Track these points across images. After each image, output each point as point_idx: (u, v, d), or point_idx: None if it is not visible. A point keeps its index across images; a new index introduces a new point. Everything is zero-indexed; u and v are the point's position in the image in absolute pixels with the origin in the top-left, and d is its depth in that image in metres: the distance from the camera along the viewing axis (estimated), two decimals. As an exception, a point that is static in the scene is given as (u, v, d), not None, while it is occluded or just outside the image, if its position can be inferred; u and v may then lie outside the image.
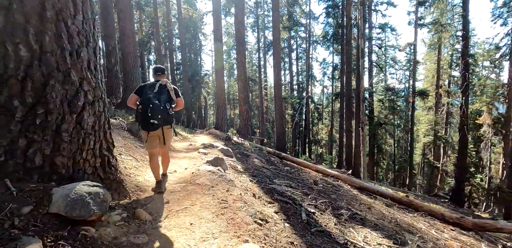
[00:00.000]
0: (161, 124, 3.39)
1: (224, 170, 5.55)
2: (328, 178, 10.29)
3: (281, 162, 11.58)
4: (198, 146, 9.62)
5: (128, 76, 11.57)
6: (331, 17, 22.68)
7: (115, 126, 7.32)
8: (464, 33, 18.23)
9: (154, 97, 3.24)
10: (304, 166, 11.59)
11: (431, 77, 25.62)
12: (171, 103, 3.47)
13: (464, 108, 17.89)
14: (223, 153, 8.19)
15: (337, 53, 25.96)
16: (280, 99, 20.33)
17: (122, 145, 5.93)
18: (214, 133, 14.38)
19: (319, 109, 30.05)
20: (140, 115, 3.34)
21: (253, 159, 8.96)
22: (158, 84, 3.39)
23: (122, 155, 5.11)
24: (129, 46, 11.75)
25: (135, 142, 6.87)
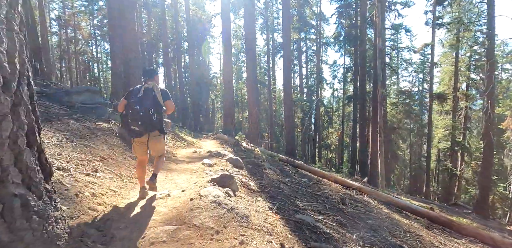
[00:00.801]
0: (144, 130, 3.07)
1: (234, 191, 4.13)
2: (349, 191, 8.81)
3: (296, 171, 10.13)
4: (203, 153, 8.24)
5: (129, 76, 10.27)
6: (344, 18, 21.16)
7: (104, 132, 5.97)
8: (489, 31, 16.51)
9: (135, 102, 2.96)
10: (320, 176, 10.10)
11: (447, 79, 23.79)
12: (156, 108, 3.08)
13: (490, 112, 16.13)
14: (232, 163, 6.78)
15: (349, 54, 24.40)
16: (290, 103, 18.88)
17: (106, 156, 4.56)
18: (221, 138, 13.00)
19: (329, 113, 28.45)
20: (123, 122, 3.14)
21: (266, 171, 7.51)
22: (143, 88, 3.08)
23: (98, 173, 3.71)
24: (131, 44, 10.46)
25: (126, 150, 5.51)
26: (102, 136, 5.61)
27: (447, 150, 23.28)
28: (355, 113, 21.56)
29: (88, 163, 3.84)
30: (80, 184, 3.03)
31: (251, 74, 13.50)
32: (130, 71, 10.42)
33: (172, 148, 8.65)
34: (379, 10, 15.51)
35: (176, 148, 8.93)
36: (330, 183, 9.32)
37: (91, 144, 4.80)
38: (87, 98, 8.10)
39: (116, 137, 6.05)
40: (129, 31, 10.50)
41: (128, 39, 10.40)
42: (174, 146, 9.04)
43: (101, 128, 6.12)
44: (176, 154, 7.77)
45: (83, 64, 35.23)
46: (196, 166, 5.99)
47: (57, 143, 4.13)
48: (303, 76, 28.48)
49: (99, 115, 7.83)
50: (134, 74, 10.49)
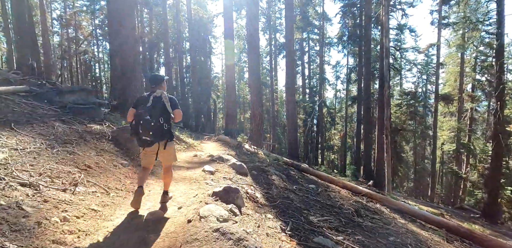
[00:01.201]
0: (155, 139, 3.01)
1: (240, 207, 3.48)
2: (359, 197, 8.16)
3: (302, 175, 9.47)
4: (205, 157, 7.60)
5: (127, 75, 9.62)
6: (348, 17, 20.48)
7: (95, 135, 5.33)
8: (499, 31, 15.83)
9: (145, 112, 2.89)
10: (328, 181, 9.45)
11: (453, 80, 23.11)
12: (165, 116, 3.03)
13: (500, 114, 15.46)
14: (235, 169, 6.13)
15: (353, 55, 23.71)
16: (293, 103, 18.20)
17: (92, 165, 3.91)
18: (223, 140, 12.36)
19: (332, 114, 27.75)
20: (133, 131, 3.00)
21: (272, 177, 6.86)
22: (152, 97, 3.03)
23: (78, 187, 3.07)
24: (128, 40, 9.82)
25: (118, 156, 4.87)
26: (91, 139, 4.97)
27: (452, 152, 22.59)
28: (359, 114, 20.88)
29: (66, 175, 3.20)
30: (48, 206, 2.39)
31: (255, 75, 12.85)
32: (129, 72, 9.77)
33: (171, 151, 8.00)
34: (386, 8, 14.85)
35: (175, 151, 8.27)
36: (338, 189, 8.67)
37: (77, 150, 4.15)
38: (81, 98, 7.46)
39: (109, 141, 5.41)
40: (129, 33, 9.86)
41: (127, 41, 9.76)
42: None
43: (91, 131, 5.48)
44: (175, 158, 7.12)
45: (84, 64, 34.68)
46: (196, 173, 5.35)
47: (33, 150, 3.49)
48: (306, 76, 27.80)
49: (93, 117, 7.20)
50: (133, 76, 9.86)
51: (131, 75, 9.61)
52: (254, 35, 13.58)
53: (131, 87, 9.60)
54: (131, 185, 4.03)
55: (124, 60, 9.64)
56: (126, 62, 9.64)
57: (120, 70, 9.75)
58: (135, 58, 10.09)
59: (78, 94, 7.48)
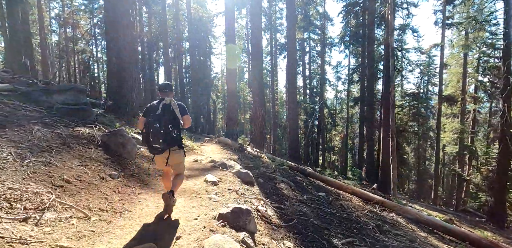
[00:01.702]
0: (165, 147, 2.95)
1: (253, 234, 2.77)
2: (371, 205, 7.50)
3: (309, 181, 8.79)
4: (206, 163, 6.87)
5: (122, 73, 8.88)
6: (351, 16, 19.81)
7: (82, 140, 4.60)
8: (506, 31, 15.21)
9: (154, 120, 2.86)
10: (336, 187, 8.76)
11: (455, 81, 22.50)
12: (175, 123, 2.99)
13: (507, 116, 14.82)
14: (241, 178, 5.41)
15: (355, 55, 23.03)
16: (295, 104, 17.52)
17: (72, 179, 3.18)
18: (224, 142, 11.62)
19: (333, 115, 27.07)
20: (144, 139, 2.98)
21: (280, 185, 6.16)
22: (161, 105, 2.97)
23: (48, 212, 2.34)
24: (124, 36, 9.08)
25: (107, 166, 4.14)
26: (77, 146, 4.23)
27: (455, 154, 21.98)
28: (362, 115, 20.20)
29: (33, 196, 2.47)
30: (-10, 251, 1.67)
31: (257, 75, 12.15)
32: (124, 71, 9.03)
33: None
34: (392, 7, 14.19)
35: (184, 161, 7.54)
36: (349, 196, 7.98)
37: (55, 160, 3.42)
38: (70, 98, 6.71)
39: (97, 147, 4.68)
40: (125, 31, 9.12)
41: (123, 39, 9.01)
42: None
43: (78, 135, 4.74)
44: (173, 164, 6.40)
45: (83, 64, 33.83)
46: (198, 184, 4.63)
47: (-5, 162, 2.75)
48: (306, 77, 27.11)
49: (83, 118, 6.46)
50: (129, 74, 9.12)
51: (126, 74, 8.87)
52: (257, 37, 12.87)
53: (127, 85, 8.86)
54: (120, 202, 3.30)
55: (120, 58, 8.90)
56: (122, 60, 8.90)
57: (116, 68, 9.01)
58: (131, 56, 9.36)
59: (68, 93, 6.73)
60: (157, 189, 4.20)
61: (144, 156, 5.81)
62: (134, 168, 4.71)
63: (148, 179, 4.55)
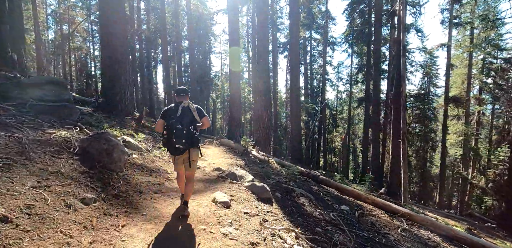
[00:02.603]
0: (187, 147, 2.99)
1: None
2: (399, 220, 6.42)
3: (322, 188, 7.67)
4: (210, 172, 5.71)
5: (115, 67, 7.64)
6: (356, 14, 18.73)
7: (52, 147, 3.41)
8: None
9: (176, 121, 2.92)
10: (354, 196, 7.64)
11: (460, 83, 21.59)
12: (195, 124, 3.06)
13: (521, 119, 13.88)
14: (257, 194, 4.25)
15: (357, 55, 21.97)
16: (297, 105, 16.40)
17: (16, 212, 1.99)
18: (226, 144, 10.44)
19: (334, 116, 26.00)
20: (165, 141, 3.02)
21: (301, 200, 5.02)
22: (180, 107, 3.03)
23: None
24: (119, 30, 7.84)
25: (81, 184, 2.96)
26: (41, 156, 3.03)
27: (460, 157, 21.06)
28: (367, 116, 19.14)
29: None
30: None
31: (263, 74, 10.99)
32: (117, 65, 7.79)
33: (166, 161, 6.10)
34: (403, 2, 13.13)
35: (170, 161, 6.35)
36: (371, 208, 6.86)
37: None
38: (49, 93, 5.50)
39: (73, 156, 3.48)
40: (118, 24, 7.86)
41: (116, 33, 7.76)
42: (169, 158, 6.48)
43: (49, 140, 3.55)
44: (170, 173, 5.22)
45: (79, 61, 32.37)
46: (204, 205, 3.46)
47: None
48: (307, 77, 25.99)
49: (64, 117, 5.25)
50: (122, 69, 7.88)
51: (120, 68, 7.64)
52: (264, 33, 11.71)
53: (121, 82, 7.63)
54: (93, 245, 2.11)
55: (114, 53, 7.66)
56: (115, 54, 7.66)
57: (109, 62, 7.77)
58: (125, 51, 8.13)
59: (47, 88, 5.51)
60: (151, 215, 3.02)
61: (136, 164, 4.62)
62: (121, 184, 3.52)
63: (139, 200, 3.37)
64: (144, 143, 6.48)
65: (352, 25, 19.47)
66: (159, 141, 7.25)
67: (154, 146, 6.72)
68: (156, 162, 5.56)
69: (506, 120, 21.22)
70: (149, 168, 4.82)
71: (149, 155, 5.88)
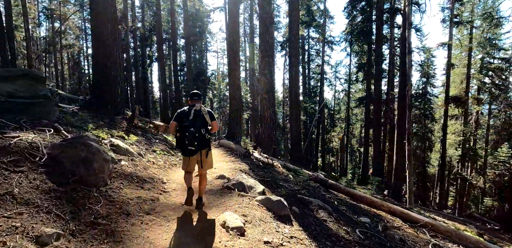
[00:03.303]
0: (199, 148, 3.07)
1: None
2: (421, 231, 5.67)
3: (334, 195, 6.88)
4: (213, 180, 4.86)
5: (104, 60, 6.71)
6: (356, 11, 18.00)
7: (8, 154, 2.48)
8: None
9: (189, 124, 3.01)
10: (368, 203, 6.87)
11: (459, 82, 21.11)
12: (206, 127, 3.12)
13: (526, 119, 13.35)
14: (273, 212, 3.42)
15: (357, 53, 21.28)
16: (297, 104, 15.61)
17: None
18: (226, 145, 9.57)
19: (332, 116, 25.31)
20: (178, 142, 3.12)
21: (320, 214, 4.20)
22: (193, 110, 3.10)
23: None
24: (105, 17, 6.90)
25: (39, 212, 2.09)
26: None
27: (459, 157, 20.57)
28: (368, 116, 18.47)
29: None
30: None
31: (267, 71, 10.13)
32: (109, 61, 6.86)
33: (161, 167, 5.22)
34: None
35: (166, 166, 5.48)
36: (393, 219, 6.10)
37: None
38: (22, 89, 4.55)
39: (36, 168, 2.59)
40: (107, 16, 6.93)
41: (106, 25, 6.83)
42: (164, 163, 5.58)
43: (5, 148, 2.64)
44: (166, 182, 4.35)
45: (72, 59, 31.06)
46: (211, 235, 2.60)
47: None
48: (305, 76, 25.22)
49: (39, 117, 4.32)
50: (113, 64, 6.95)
51: (110, 62, 6.71)
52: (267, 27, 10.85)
53: (111, 77, 6.70)
54: None
55: (104, 46, 6.72)
56: (105, 47, 6.73)
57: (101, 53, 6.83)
58: (116, 43, 7.18)
59: (19, 82, 4.56)
60: (153, 216, 2.15)
61: (124, 174, 3.74)
62: (102, 205, 2.64)
63: (125, 226, 2.49)
64: (136, 146, 5.58)
65: (353, 23, 18.76)
66: (153, 143, 6.36)
67: (148, 149, 5.83)
68: (149, 169, 4.68)
69: (505, 120, 20.86)
70: (141, 178, 3.94)
71: (142, 160, 4.99)
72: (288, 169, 8.30)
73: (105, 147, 4.47)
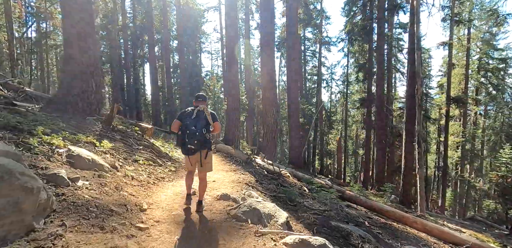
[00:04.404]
0: (198, 148, 3.00)
1: None
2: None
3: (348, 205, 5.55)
4: (212, 200, 3.46)
5: (74, 46, 5.21)
6: (356, 8, 16.88)
7: None
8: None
9: (191, 123, 2.97)
10: (397, 219, 5.58)
11: (456, 83, 20.27)
12: (208, 128, 3.06)
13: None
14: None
15: (354, 53, 20.18)
16: (296, 106, 14.29)
17: None
18: (224, 151, 8.16)
19: (330, 118, 24.13)
20: (179, 140, 3.08)
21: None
22: (196, 111, 3.07)
23: None
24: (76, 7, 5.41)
25: None
26: None
27: (458, 159, 19.65)
28: (369, 117, 17.33)
29: None
30: None
31: (269, 68, 8.80)
32: (79, 53, 5.37)
33: (143, 183, 3.79)
34: (418, -8, 11.34)
35: (150, 182, 4.04)
36: (436, 242, 4.82)
37: None
38: None
39: None
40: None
41: (76, 12, 5.35)
42: (148, 177, 4.15)
43: None
44: (146, 209, 2.95)
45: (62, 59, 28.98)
46: None
47: None
48: (302, 77, 23.99)
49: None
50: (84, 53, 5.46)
51: (80, 46, 5.21)
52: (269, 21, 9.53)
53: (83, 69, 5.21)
54: None
55: (72, 26, 5.22)
56: (76, 27, 5.23)
57: (68, 41, 5.33)
58: (88, 26, 5.67)
59: None
60: None
61: (77, 204, 2.30)
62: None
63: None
64: (110, 155, 4.13)
65: (352, 21, 17.64)
66: (136, 151, 4.90)
67: (127, 159, 4.37)
68: (124, 189, 3.24)
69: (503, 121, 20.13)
70: (105, 207, 2.51)
71: (116, 175, 3.55)
72: (298, 177, 6.94)
73: (57, 159, 3.01)
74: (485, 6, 17.68)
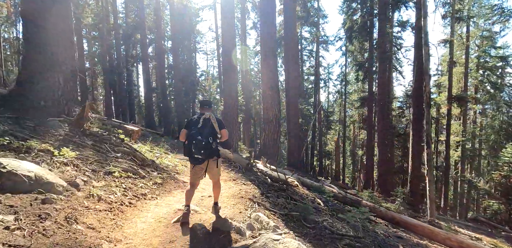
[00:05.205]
0: (205, 157, 2.80)
1: None
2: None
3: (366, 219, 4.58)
4: (210, 223, 2.40)
5: (37, 33, 4.12)
6: (356, 4, 16.01)
7: None
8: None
9: (197, 132, 2.79)
10: (426, 235, 4.63)
11: (456, 81, 19.61)
12: (214, 136, 2.88)
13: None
14: None
15: (353, 52, 19.34)
16: (296, 106, 13.34)
17: None
18: (222, 155, 7.03)
19: (328, 118, 23.25)
20: (186, 150, 2.85)
21: None
22: (202, 119, 2.90)
23: None
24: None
25: None
26: None
27: (458, 158, 18.95)
28: (370, 117, 16.45)
29: None
30: None
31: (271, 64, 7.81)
32: (43, 42, 4.30)
33: (112, 205, 2.75)
34: (425, -17, 10.47)
35: (125, 202, 3.00)
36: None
37: None
38: None
39: None
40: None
41: None
42: (123, 196, 3.11)
43: None
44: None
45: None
46: None
47: None
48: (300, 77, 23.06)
49: None
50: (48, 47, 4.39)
51: (45, 33, 4.14)
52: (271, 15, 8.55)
53: (46, 54, 4.13)
54: None
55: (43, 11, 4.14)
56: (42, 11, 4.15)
57: (30, 29, 4.24)
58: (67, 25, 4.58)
59: None
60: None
61: None
62: None
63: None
64: (72, 168, 3.07)
65: (351, 17, 16.78)
66: (111, 160, 3.84)
67: (96, 171, 3.31)
68: (81, 218, 2.20)
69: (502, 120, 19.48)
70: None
71: (73, 196, 2.50)
72: (307, 186, 5.94)
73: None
74: (485, 4, 16.99)
